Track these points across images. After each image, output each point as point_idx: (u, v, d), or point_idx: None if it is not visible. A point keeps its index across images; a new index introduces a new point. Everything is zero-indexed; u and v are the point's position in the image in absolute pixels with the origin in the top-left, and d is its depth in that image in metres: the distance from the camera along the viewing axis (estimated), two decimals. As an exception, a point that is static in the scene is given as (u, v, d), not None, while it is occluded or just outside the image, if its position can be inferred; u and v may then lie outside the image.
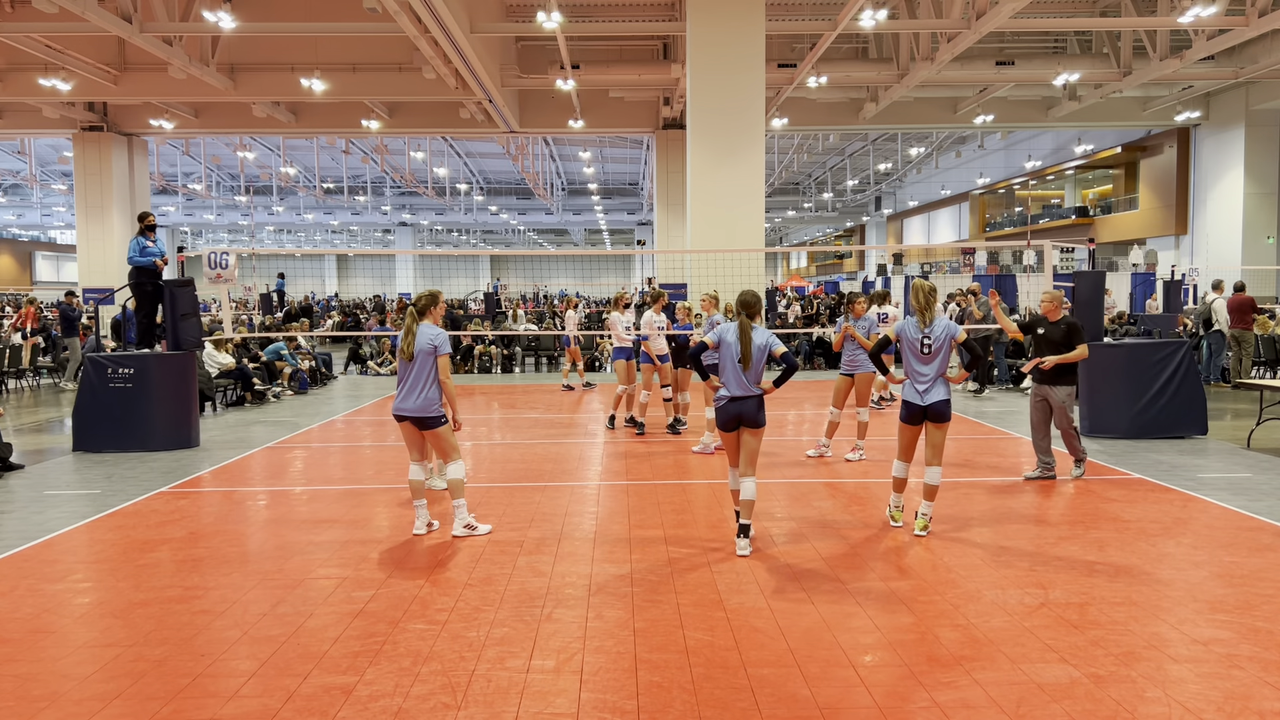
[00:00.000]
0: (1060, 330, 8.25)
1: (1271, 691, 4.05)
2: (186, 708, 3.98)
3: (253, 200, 53.37)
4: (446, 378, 6.56)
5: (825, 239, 78.31)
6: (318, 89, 23.71)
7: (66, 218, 56.39)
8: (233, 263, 12.11)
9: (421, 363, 6.52)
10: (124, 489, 8.44)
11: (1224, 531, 6.62)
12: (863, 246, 56.53)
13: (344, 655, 4.52)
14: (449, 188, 51.99)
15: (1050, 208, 46.63)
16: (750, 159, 19.27)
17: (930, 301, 6.73)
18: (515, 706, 3.96)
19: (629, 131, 32.65)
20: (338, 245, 74.97)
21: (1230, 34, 19.90)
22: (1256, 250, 29.65)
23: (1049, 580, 5.57)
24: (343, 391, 16.97)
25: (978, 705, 3.94)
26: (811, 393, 15.86)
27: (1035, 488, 8.18)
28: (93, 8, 17.39)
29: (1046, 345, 8.27)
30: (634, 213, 61.29)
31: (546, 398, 15.66)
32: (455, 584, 5.60)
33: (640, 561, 6.03)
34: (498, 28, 20.93)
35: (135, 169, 30.80)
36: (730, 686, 4.14)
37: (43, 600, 5.37)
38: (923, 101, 29.19)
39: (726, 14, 18.75)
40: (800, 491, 8.12)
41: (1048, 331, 8.30)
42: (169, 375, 10.73)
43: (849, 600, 5.26)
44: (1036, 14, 21.54)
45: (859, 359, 9.58)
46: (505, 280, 62.69)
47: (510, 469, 9.29)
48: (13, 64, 24.36)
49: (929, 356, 6.68)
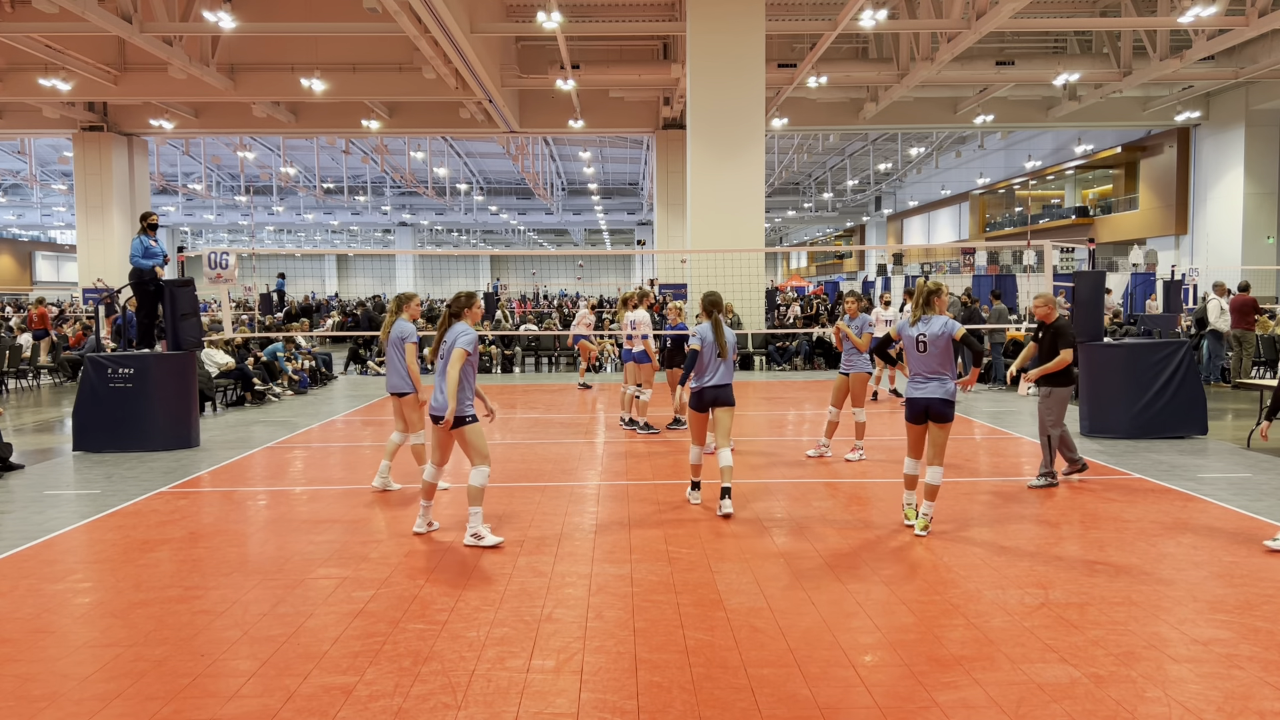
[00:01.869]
0: (1049, 335, 8.03)
1: (1271, 691, 4.05)
2: (186, 708, 3.98)
3: (253, 200, 53.37)
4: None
5: (825, 239, 78.30)
6: (318, 89, 23.72)
7: (66, 218, 56.40)
8: (233, 263, 12.12)
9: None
10: (124, 489, 8.44)
11: (1224, 531, 6.62)
12: (863, 246, 56.53)
13: (344, 655, 4.52)
14: (449, 188, 51.99)
15: (1050, 208, 46.63)
16: (750, 159, 19.27)
17: (931, 300, 6.74)
18: (515, 706, 3.96)
19: (629, 131, 32.67)
20: (338, 245, 74.97)
21: (1230, 34, 19.90)
22: (1256, 250, 29.65)
23: (1049, 580, 5.57)
24: (343, 391, 16.97)
25: (978, 705, 3.94)
26: (811, 393, 15.86)
27: (1034, 488, 8.17)
28: (93, 8, 17.39)
29: (1042, 350, 8.12)
30: (634, 213, 61.30)
31: (546, 398, 15.66)
32: (455, 584, 5.60)
33: (640, 561, 6.03)
34: (498, 28, 20.94)
35: (135, 169, 30.82)
36: (730, 686, 4.14)
37: (43, 600, 5.37)
38: (923, 101, 29.19)
39: (726, 14, 18.76)
40: (800, 491, 8.12)
41: (1041, 336, 8.14)
42: (169, 375, 10.73)
43: (849, 600, 5.26)
44: (1036, 14, 21.55)
45: (854, 359, 9.60)
46: (505, 280, 62.67)
47: (510, 469, 9.29)
48: (13, 64, 24.37)
49: (926, 354, 6.68)
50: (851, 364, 9.62)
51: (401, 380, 7.96)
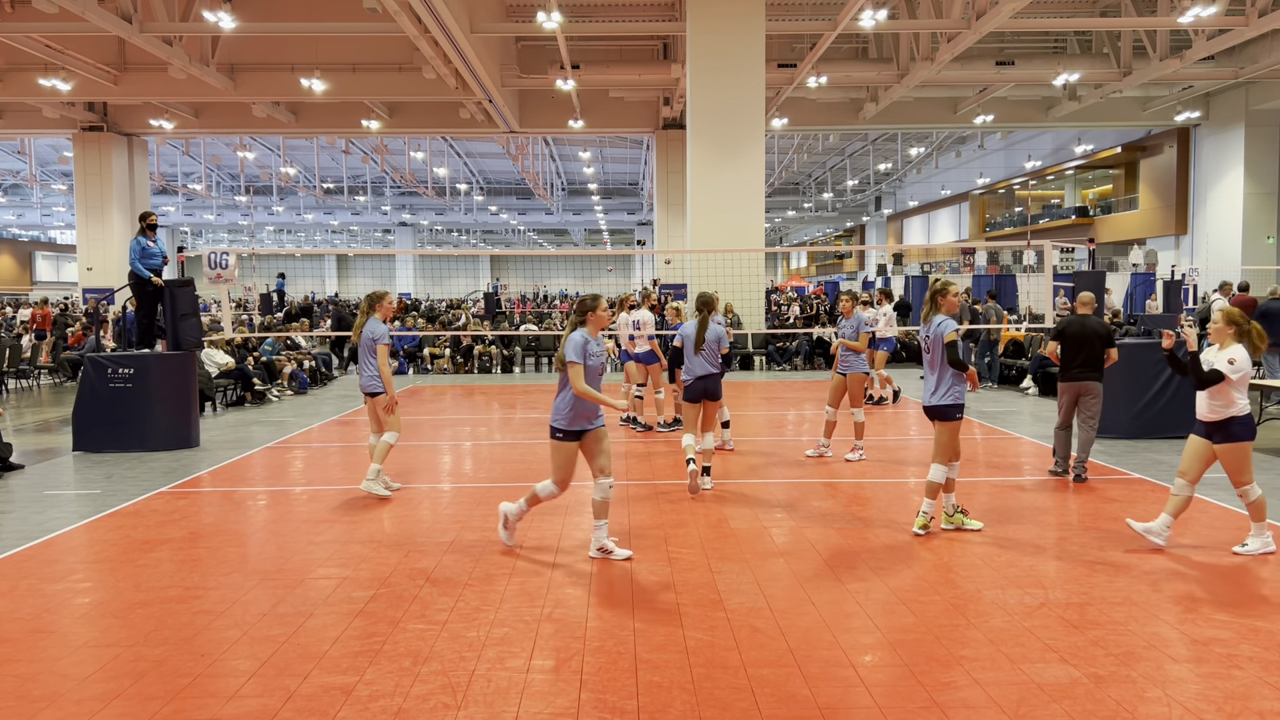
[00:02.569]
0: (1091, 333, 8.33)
1: (1271, 691, 4.05)
2: (186, 708, 3.97)
3: (253, 200, 53.36)
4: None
5: (825, 239, 78.30)
6: (318, 89, 23.71)
7: (66, 218, 56.38)
8: (233, 263, 12.12)
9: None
10: (124, 489, 8.44)
11: (1224, 531, 6.62)
12: (863, 246, 56.55)
13: (344, 655, 4.52)
14: (449, 188, 51.98)
15: (1050, 208, 46.63)
16: (750, 159, 19.27)
17: (935, 300, 6.70)
18: (515, 706, 3.96)
19: (629, 131, 32.66)
20: (338, 245, 74.87)
21: (1230, 34, 19.90)
22: (1256, 250, 29.65)
23: (1049, 580, 5.57)
24: (343, 391, 16.97)
25: (978, 705, 3.94)
26: (811, 393, 15.86)
27: (1035, 487, 8.18)
28: (93, 8, 17.39)
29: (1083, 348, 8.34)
30: (634, 213, 61.29)
31: (546, 398, 15.66)
32: (455, 584, 5.60)
33: (640, 561, 6.03)
34: (498, 28, 20.94)
35: (135, 169, 30.80)
36: (730, 686, 4.14)
37: (43, 600, 5.37)
38: (923, 101, 29.19)
39: (726, 14, 18.76)
40: (800, 491, 8.12)
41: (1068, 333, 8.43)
42: (169, 375, 10.73)
43: (849, 600, 5.26)
44: (1036, 14, 21.55)
45: (849, 359, 9.66)
46: (505, 280, 62.64)
47: (510, 469, 9.29)
48: (13, 64, 24.36)
49: (930, 355, 6.68)
50: (849, 365, 9.65)
51: (373, 380, 7.87)
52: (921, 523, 6.61)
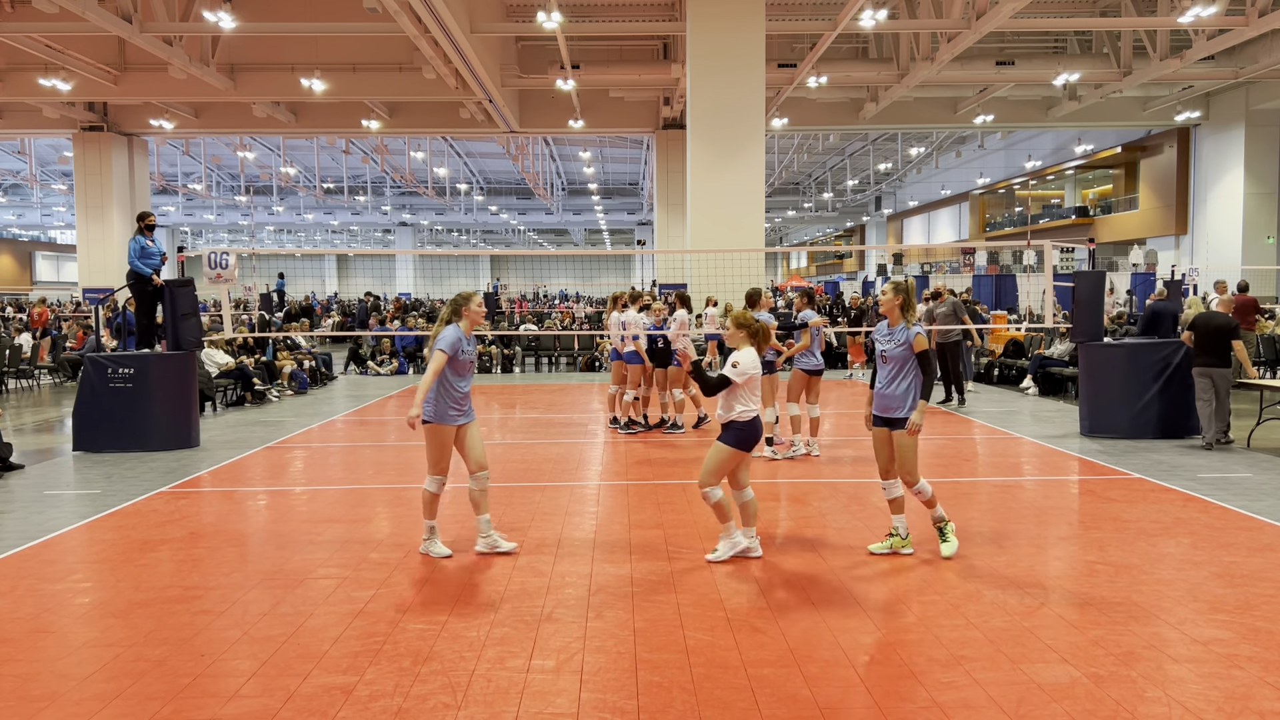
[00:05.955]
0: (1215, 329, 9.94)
1: (1271, 691, 4.05)
2: (186, 708, 3.97)
3: (253, 200, 53.36)
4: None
5: (825, 239, 78.29)
6: (318, 89, 23.71)
7: (66, 218, 56.37)
8: (233, 263, 12.11)
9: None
10: (124, 489, 8.44)
11: (1224, 531, 6.62)
12: (863, 246, 56.57)
13: (344, 655, 4.52)
14: (449, 188, 51.97)
15: (1050, 208, 46.63)
16: (750, 159, 19.26)
17: (896, 302, 6.03)
18: (515, 706, 3.96)
19: (629, 131, 32.66)
20: (338, 245, 74.85)
21: (1230, 34, 19.90)
22: (1256, 250, 29.65)
23: (1049, 580, 5.57)
24: (343, 392, 16.97)
25: (978, 705, 3.94)
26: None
27: (1035, 488, 8.18)
28: (93, 8, 17.39)
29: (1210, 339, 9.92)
30: (634, 213, 61.28)
31: (546, 398, 15.66)
32: (455, 584, 5.60)
33: (640, 561, 6.03)
34: (498, 28, 20.93)
35: (135, 169, 30.80)
36: (730, 686, 4.14)
37: (43, 600, 5.37)
38: (923, 101, 29.18)
39: (726, 14, 18.74)
40: (800, 492, 8.12)
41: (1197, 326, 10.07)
42: (169, 375, 10.72)
43: (849, 600, 5.26)
44: (1036, 14, 21.54)
45: (802, 357, 9.83)
46: (505, 280, 62.65)
47: (510, 469, 9.29)
48: (13, 64, 24.36)
49: (885, 364, 6.05)
50: (801, 361, 9.80)
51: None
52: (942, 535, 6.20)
